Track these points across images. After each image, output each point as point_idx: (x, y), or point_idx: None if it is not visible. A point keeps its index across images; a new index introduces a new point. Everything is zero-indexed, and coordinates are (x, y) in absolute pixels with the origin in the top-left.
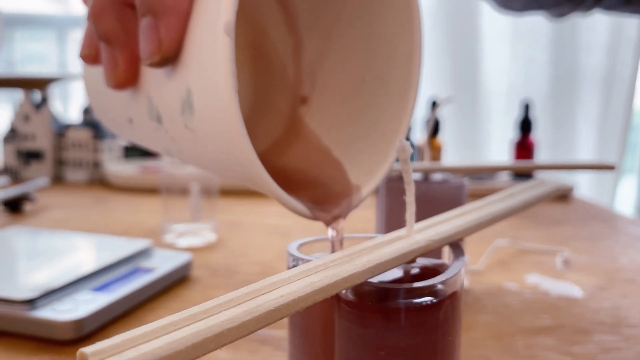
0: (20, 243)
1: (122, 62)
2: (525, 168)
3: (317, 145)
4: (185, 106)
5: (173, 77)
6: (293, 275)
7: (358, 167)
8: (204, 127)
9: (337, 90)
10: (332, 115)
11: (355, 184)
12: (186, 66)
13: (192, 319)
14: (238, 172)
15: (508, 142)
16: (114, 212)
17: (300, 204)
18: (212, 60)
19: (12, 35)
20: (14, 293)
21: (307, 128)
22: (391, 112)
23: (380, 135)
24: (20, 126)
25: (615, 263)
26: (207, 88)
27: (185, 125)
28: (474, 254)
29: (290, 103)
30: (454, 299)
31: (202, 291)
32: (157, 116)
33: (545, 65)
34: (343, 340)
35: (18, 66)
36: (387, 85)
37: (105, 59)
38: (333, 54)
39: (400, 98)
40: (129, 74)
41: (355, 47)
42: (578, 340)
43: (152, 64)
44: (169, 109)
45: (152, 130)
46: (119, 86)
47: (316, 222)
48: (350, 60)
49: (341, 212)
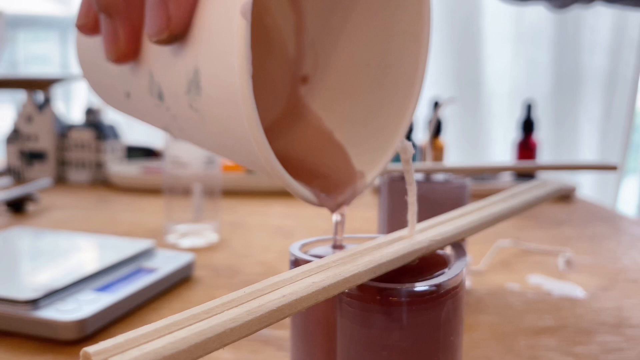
0: (23, 243)
1: (123, 35)
2: (528, 168)
3: (318, 127)
4: (192, 86)
5: (179, 55)
6: (295, 275)
7: (362, 152)
8: (211, 109)
9: (339, 72)
10: (334, 98)
11: (359, 170)
12: (195, 45)
13: (195, 318)
14: (244, 154)
15: (510, 142)
16: (116, 212)
17: (306, 190)
18: (225, 42)
19: (15, 36)
20: (17, 293)
21: (307, 109)
22: (397, 97)
23: (385, 121)
24: (23, 127)
25: (618, 263)
26: (219, 70)
27: (189, 104)
28: (476, 254)
29: (290, 82)
30: (455, 299)
31: (205, 291)
32: (159, 93)
33: (547, 65)
34: (345, 340)
35: (21, 67)
36: (393, 70)
37: (105, 31)
38: (336, 34)
39: (406, 83)
40: (130, 48)
41: (360, 29)
42: (580, 340)
43: (158, 41)
44: (173, 87)
45: (151, 107)
46: (119, 60)
47: (317, 222)
48: (354, 43)
49: (346, 199)
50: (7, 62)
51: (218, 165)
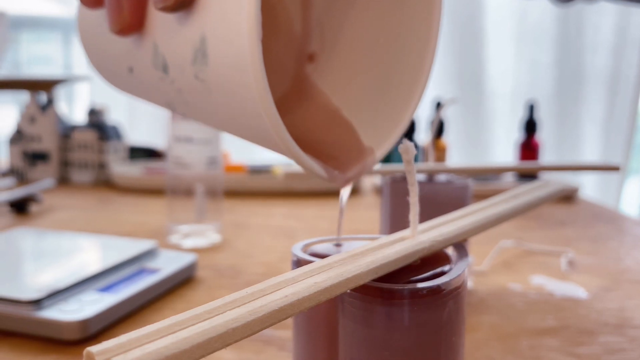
0: (26, 244)
1: (128, 5)
2: (530, 169)
3: (325, 104)
4: (198, 55)
5: (185, 23)
6: (297, 275)
7: (371, 129)
8: (218, 79)
9: (347, 49)
10: (342, 76)
11: (368, 146)
12: (202, 12)
13: (197, 318)
14: (251, 126)
15: (513, 142)
16: (119, 213)
17: (317, 165)
18: (234, 7)
19: (18, 37)
20: (20, 293)
21: (314, 86)
22: (407, 73)
23: (395, 97)
24: (26, 128)
25: (621, 264)
26: (227, 37)
27: (195, 75)
28: (478, 254)
29: (296, 59)
30: (457, 300)
31: (207, 292)
32: (163, 65)
33: (550, 65)
34: (347, 340)
35: (24, 68)
36: (403, 45)
37: (109, 1)
38: (344, 10)
39: (417, 59)
40: (135, 18)
41: (369, 4)
42: (583, 341)
43: (164, 8)
44: (178, 57)
45: (155, 81)
46: (123, 31)
47: (319, 223)
48: (363, 18)
49: (355, 174)
50: (10, 63)
51: (220, 165)
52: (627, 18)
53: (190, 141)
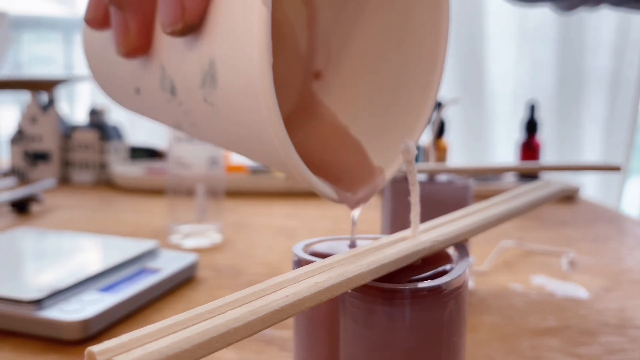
0: (27, 244)
1: (135, 27)
2: (531, 169)
3: (333, 123)
4: (207, 78)
5: (194, 47)
6: (298, 275)
7: (379, 147)
8: (227, 102)
9: (353, 67)
10: (349, 93)
11: (378, 166)
12: (211, 36)
13: (198, 318)
14: (261, 149)
15: (513, 143)
16: (120, 213)
17: (327, 187)
18: (244, 31)
19: (19, 37)
20: (21, 293)
21: (321, 105)
22: (415, 90)
23: (403, 115)
24: (27, 128)
25: (621, 264)
26: (237, 61)
27: (204, 98)
28: (479, 255)
29: (302, 77)
30: (458, 300)
31: (208, 291)
32: (171, 87)
33: (551, 66)
34: (348, 340)
35: (25, 68)
36: (411, 62)
37: (116, 23)
38: (349, 27)
39: (425, 75)
40: (142, 41)
41: (375, 21)
42: (583, 341)
43: (173, 33)
44: (187, 80)
45: (162, 102)
46: (130, 54)
47: (320, 223)
48: (369, 35)
49: (366, 195)
50: (11, 63)
51: (221, 165)
52: (628, 18)
53: (191, 141)
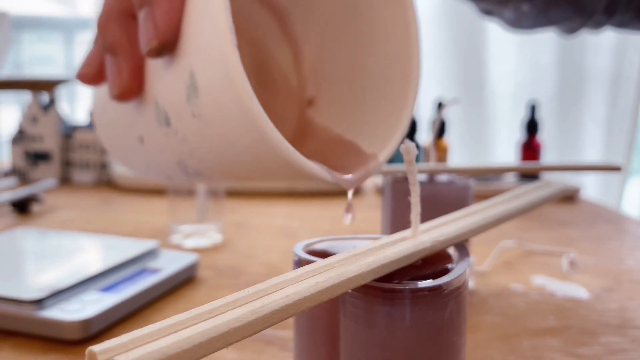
0: (28, 244)
1: (126, 70)
2: (532, 169)
3: (328, 137)
4: (190, 91)
5: (174, 65)
6: (298, 275)
7: (372, 139)
8: (209, 107)
9: (342, 84)
10: (340, 106)
11: (371, 152)
12: (187, 49)
13: (199, 318)
14: (250, 150)
15: (514, 143)
16: (120, 213)
17: (320, 168)
18: (210, 26)
19: (19, 38)
20: (22, 293)
21: (316, 126)
22: (396, 86)
23: (391, 107)
24: (27, 128)
25: (622, 264)
26: (209, 59)
27: (192, 114)
28: (479, 255)
29: (297, 109)
30: (459, 300)
31: (209, 291)
32: (165, 118)
33: (551, 66)
34: (348, 340)
35: (26, 68)
36: (391, 64)
37: (110, 69)
38: (334, 53)
39: (403, 73)
40: (133, 82)
41: (356, 42)
42: (584, 341)
43: (150, 52)
44: (175, 102)
45: (162, 139)
46: (123, 95)
47: (320, 223)
48: (352, 56)
49: (360, 177)
50: (11, 63)
51: None
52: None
53: None
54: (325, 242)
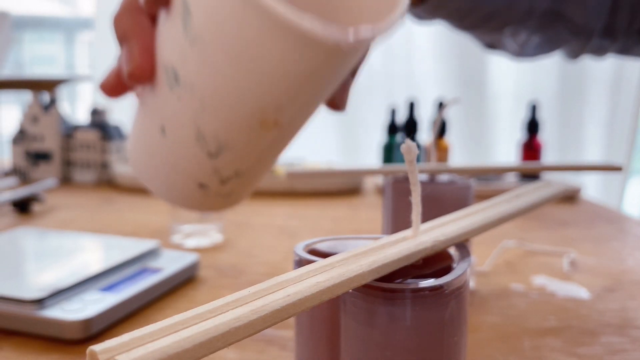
0: (29, 243)
1: (137, 49)
2: (532, 169)
3: None
4: (185, 16)
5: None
6: (299, 275)
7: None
8: (201, 17)
9: None
10: None
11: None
12: None
13: (200, 318)
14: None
15: (515, 143)
16: (121, 212)
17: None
18: None
19: (20, 37)
20: (23, 293)
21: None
22: None
23: None
24: (28, 127)
25: (623, 265)
26: None
27: (191, 42)
28: (480, 255)
29: None
30: (459, 300)
31: (209, 291)
32: (174, 74)
33: (552, 66)
34: (349, 339)
35: (26, 68)
36: None
37: (124, 55)
38: None
39: None
40: (144, 60)
41: None
42: (584, 341)
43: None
44: (176, 43)
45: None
46: (135, 73)
47: (321, 223)
48: None
49: (367, 36)
50: (12, 63)
51: None
52: None
53: None
54: (326, 242)
